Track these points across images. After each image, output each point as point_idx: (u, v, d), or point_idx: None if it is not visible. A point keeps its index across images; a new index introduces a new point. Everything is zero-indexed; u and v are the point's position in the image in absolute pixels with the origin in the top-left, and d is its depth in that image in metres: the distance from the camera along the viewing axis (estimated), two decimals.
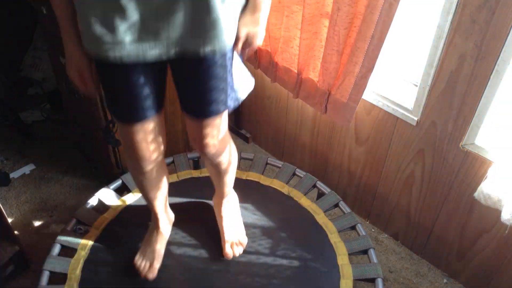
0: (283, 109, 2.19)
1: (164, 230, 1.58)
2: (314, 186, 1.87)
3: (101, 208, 1.77)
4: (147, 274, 1.51)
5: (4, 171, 2.25)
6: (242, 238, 1.63)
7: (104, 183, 1.88)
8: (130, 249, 1.61)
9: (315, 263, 1.61)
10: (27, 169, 2.29)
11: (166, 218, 1.59)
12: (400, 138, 1.74)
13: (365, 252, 1.63)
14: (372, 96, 1.73)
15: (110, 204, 1.77)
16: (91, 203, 1.76)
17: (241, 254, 1.61)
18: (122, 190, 1.85)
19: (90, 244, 1.63)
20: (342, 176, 2.08)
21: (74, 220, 1.69)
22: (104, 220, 1.72)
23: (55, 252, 1.58)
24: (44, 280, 1.49)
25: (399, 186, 1.85)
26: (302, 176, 1.90)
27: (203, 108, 1.21)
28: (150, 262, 1.53)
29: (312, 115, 2.04)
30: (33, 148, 2.43)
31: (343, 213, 1.77)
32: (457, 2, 1.34)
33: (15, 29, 2.61)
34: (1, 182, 2.20)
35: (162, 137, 1.33)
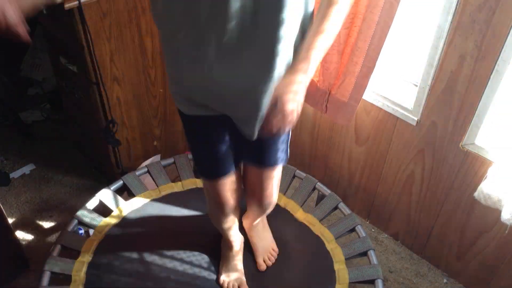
0: None
1: (237, 249, 1.63)
2: (314, 189, 1.87)
3: (102, 209, 1.76)
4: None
5: (4, 171, 2.25)
6: (274, 247, 1.71)
7: (104, 183, 1.88)
8: (134, 252, 1.61)
9: (315, 264, 1.62)
10: (27, 169, 2.29)
11: (237, 241, 1.62)
12: (400, 138, 1.74)
13: (365, 253, 1.63)
14: (372, 96, 1.73)
15: (111, 207, 1.77)
16: (92, 204, 1.76)
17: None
18: (122, 191, 1.85)
19: (94, 246, 1.64)
20: (342, 177, 2.08)
21: (74, 220, 1.69)
22: (108, 223, 1.72)
23: (55, 253, 1.58)
24: (45, 280, 1.49)
25: (399, 186, 1.85)
26: (302, 178, 1.90)
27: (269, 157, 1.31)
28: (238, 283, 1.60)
29: (312, 115, 2.04)
30: (33, 148, 2.42)
31: (343, 215, 1.77)
32: (457, 2, 1.34)
33: None
34: (1, 182, 2.20)
35: (239, 183, 1.43)
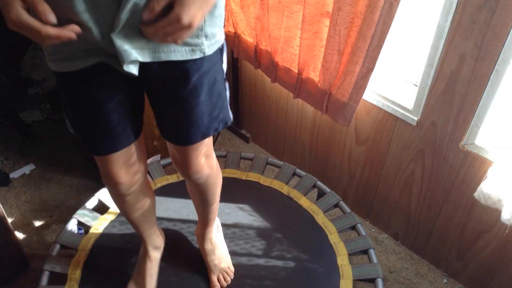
0: (283, 109, 2.19)
1: (154, 255, 1.44)
2: (314, 186, 1.88)
3: (101, 208, 1.77)
4: None
5: (4, 171, 2.25)
6: (230, 266, 1.55)
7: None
8: (131, 250, 1.61)
9: (315, 264, 1.61)
10: (27, 169, 2.29)
11: (155, 242, 1.44)
12: (400, 138, 1.74)
13: (365, 252, 1.63)
14: (372, 96, 1.73)
15: (110, 205, 1.77)
16: (91, 203, 1.76)
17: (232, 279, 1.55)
18: None
19: (90, 245, 1.63)
20: (342, 176, 2.08)
21: (74, 220, 1.69)
22: (105, 221, 1.72)
23: (55, 252, 1.58)
24: (44, 280, 1.49)
25: (399, 186, 1.85)
26: (302, 176, 1.90)
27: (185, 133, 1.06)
28: None
29: (312, 115, 2.04)
30: (33, 148, 2.42)
31: (343, 213, 1.77)
32: (457, 2, 1.34)
33: None
34: (1, 182, 2.20)
35: (143, 157, 1.17)
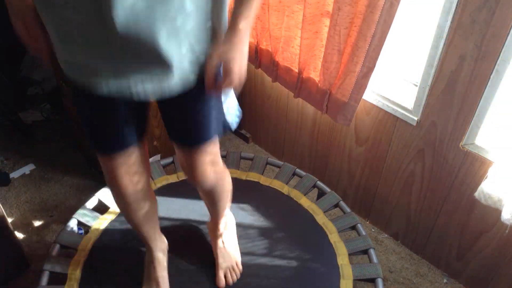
0: (283, 109, 2.19)
1: (161, 257, 1.48)
2: (314, 186, 1.88)
3: (101, 208, 1.76)
4: None
5: (4, 171, 2.25)
6: (238, 264, 1.56)
7: (104, 183, 1.87)
8: (131, 249, 1.61)
9: (315, 263, 1.61)
10: (27, 169, 2.29)
11: (161, 245, 1.48)
12: (400, 138, 1.74)
13: (365, 252, 1.63)
14: (372, 96, 1.73)
15: (110, 205, 1.77)
16: (91, 203, 1.76)
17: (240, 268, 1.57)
18: None
19: (90, 244, 1.63)
20: (342, 176, 2.08)
21: (74, 220, 1.69)
22: (105, 220, 1.72)
23: (55, 252, 1.58)
24: (44, 280, 1.49)
25: (399, 186, 1.85)
26: (302, 176, 1.90)
27: (191, 134, 1.12)
28: None
29: (312, 115, 2.04)
30: (33, 148, 2.42)
31: (343, 213, 1.77)
32: (457, 2, 1.34)
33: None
34: (1, 182, 2.20)
35: (146, 163, 1.23)
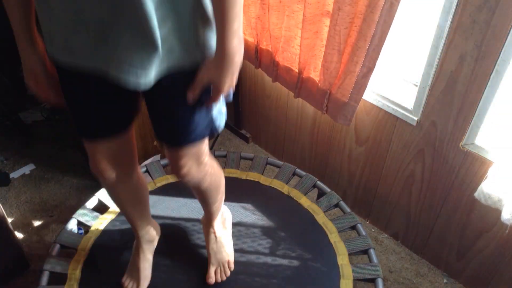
0: (283, 109, 2.19)
1: (146, 247, 1.46)
2: (314, 186, 1.88)
3: (101, 208, 1.77)
4: None
5: (4, 171, 2.25)
6: (230, 262, 1.55)
7: None
8: (131, 249, 1.60)
9: (315, 263, 1.61)
10: (27, 169, 2.29)
11: (147, 235, 1.45)
12: (400, 138, 1.74)
13: (365, 252, 1.63)
14: (372, 96, 1.73)
15: (110, 205, 1.77)
16: (91, 203, 1.76)
17: (236, 263, 1.57)
18: None
19: (90, 244, 1.63)
20: (342, 176, 2.08)
21: (74, 220, 1.69)
22: (105, 220, 1.72)
23: (55, 252, 1.58)
24: (44, 280, 1.49)
25: (399, 186, 1.85)
26: (302, 176, 1.90)
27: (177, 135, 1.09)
28: (137, 283, 1.45)
29: (312, 115, 2.04)
30: (33, 148, 2.42)
31: (343, 213, 1.77)
32: (457, 2, 1.34)
33: None
34: (1, 182, 2.20)
35: (132, 151, 1.20)
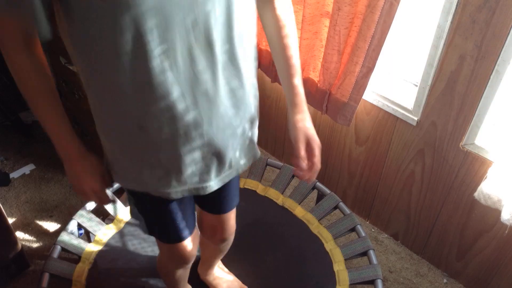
0: (283, 109, 2.19)
1: None
2: (314, 188, 1.87)
3: (100, 209, 1.76)
4: None
5: (4, 171, 2.25)
6: (244, 286, 1.62)
7: None
8: (134, 259, 1.61)
9: (311, 274, 1.62)
10: (27, 169, 2.29)
11: None
12: (400, 138, 1.74)
13: (364, 254, 1.64)
14: (372, 96, 1.73)
15: (108, 208, 1.77)
16: (91, 204, 1.76)
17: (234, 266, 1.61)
18: (121, 192, 1.85)
19: (95, 251, 1.64)
20: (342, 176, 2.08)
21: (74, 221, 1.69)
22: (109, 230, 1.73)
23: (55, 254, 1.58)
24: (45, 282, 1.49)
25: (399, 186, 1.85)
26: None
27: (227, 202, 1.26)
28: None
29: (312, 115, 2.02)
30: (33, 148, 2.42)
31: (343, 215, 1.77)
32: (457, 2, 1.34)
33: None
34: (1, 182, 2.20)
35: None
